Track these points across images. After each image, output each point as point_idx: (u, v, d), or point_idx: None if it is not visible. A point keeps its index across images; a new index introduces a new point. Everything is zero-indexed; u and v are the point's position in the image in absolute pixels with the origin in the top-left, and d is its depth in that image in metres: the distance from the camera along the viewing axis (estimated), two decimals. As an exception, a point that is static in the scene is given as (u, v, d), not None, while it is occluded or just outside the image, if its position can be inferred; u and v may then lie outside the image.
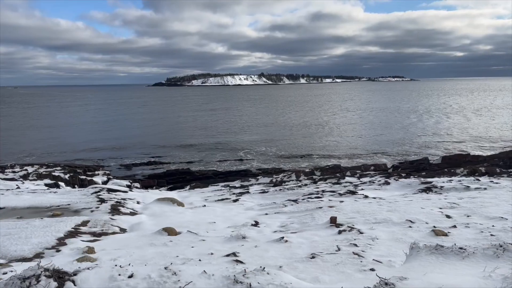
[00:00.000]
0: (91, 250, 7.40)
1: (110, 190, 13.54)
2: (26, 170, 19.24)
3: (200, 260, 6.62)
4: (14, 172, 18.75)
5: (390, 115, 74.36)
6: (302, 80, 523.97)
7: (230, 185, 17.15)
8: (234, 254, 6.85)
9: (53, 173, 18.67)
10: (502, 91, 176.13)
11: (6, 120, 75.03)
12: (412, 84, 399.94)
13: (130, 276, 2.92)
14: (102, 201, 11.70)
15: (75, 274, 2.99)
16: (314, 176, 17.18)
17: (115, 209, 11.09)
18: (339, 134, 51.75)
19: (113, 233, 9.35)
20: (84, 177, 19.69)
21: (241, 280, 2.87)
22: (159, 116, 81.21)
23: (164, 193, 15.56)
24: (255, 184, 16.76)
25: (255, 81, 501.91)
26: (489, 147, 40.22)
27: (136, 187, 20.40)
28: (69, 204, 11.58)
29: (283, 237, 7.69)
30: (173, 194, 14.68)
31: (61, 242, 8.32)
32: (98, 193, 13.14)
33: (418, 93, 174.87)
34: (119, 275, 2.94)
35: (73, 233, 8.98)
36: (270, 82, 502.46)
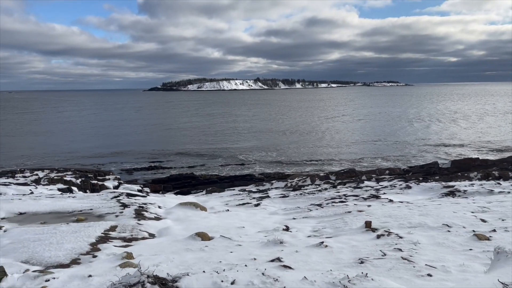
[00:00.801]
0: (129, 256, 7.26)
1: (129, 195, 13.39)
2: (36, 175, 19.02)
3: (246, 265, 6.51)
4: (24, 177, 18.53)
5: (388, 119, 74.36)
6: (298, 85, 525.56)
7: (247, 189, 17.02)
8: (278, 259, 6.73)
9: (65, 178, 18.48)
10: (495, 96, 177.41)
11: (4, 124, 74.57)
12: (408, 89, 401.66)
13: (232, 283, 2.81)
14: (124, 206, 11.55)
15: (174, 281, 2.88)
16: (330, 180, 17.09)
17: (139, 214, 10.96)
18: (338, 138, 51.78)
19: (143, 238, 9.22)
20: (95, 181, 19.49)
21: (348, 286, 2.78)
22: (156, 121, 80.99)
23: (182, 197, 15.41)
24: (272, 188, 16.64)
25: (251, 86, 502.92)
26: (486, 151, 40.36)
27: (146, 192, 20.23)
28: (91, 209, 11.43)
29: (322, 242, 7.58)
30: (192, 199, 14.54)
31: (94, 247, 8.18)
32: (118, 198, 12.99)
33: (415, 98, 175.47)
34: (222, 281, 2.83)
35: (104, 238, 8.84)
36: (265, 87, 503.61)
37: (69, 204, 12.02)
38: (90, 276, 6.22)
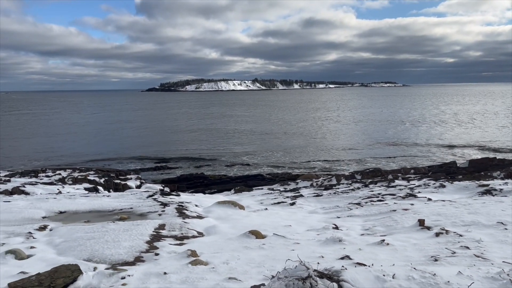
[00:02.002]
0: (194, 254, 7.25)
1: (163, 194, 13.37)
2: (59, 174, 18.94)
3: (318, 263, 6.52)
4: (48, 176, 18.46)
5: (391, 121, 73.66)
6: (296, 86, 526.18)
7: (275, 188, 17.04)
8: (348, 257, 6.73)
9: (88, 177, 18.42)
10: (495, 96, 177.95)
11: (5, 125, 74.43)
12: (406, 90, 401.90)
13: (393, 277, 2.81)
14: (164, 205, 11.52)
15: (337, 275, 2.87)
16: (356, 179, 17.09)
17: (181, 213, 10.94)
18: (342, 139, 51.77)
19: (193, 236, 9.20)
20: (118, 181, 19.44)
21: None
22: (157, 122, 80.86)
23: (213, 196, 15.38)
24: (301, 187, 16.60)
25: (249, 86, 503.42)
26: (490, 151, 40.39)
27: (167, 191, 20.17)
28: (131, 208, 11.40)
29: (383, 240, 7.58)
30: (224, 198, 14.52)
31: (151, 245, 8.17)
32: (154, 197, 12.97)
33: (415, 99, 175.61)
34: (384, 275, 2.83)
35: (156, 236, 8.82)
36: (263, 87, 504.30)
37: (107, 203, 11.99)
38: (165, 273, 6.21)
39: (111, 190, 18.12)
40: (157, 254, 7.58)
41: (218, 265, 6.56)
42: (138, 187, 19.44)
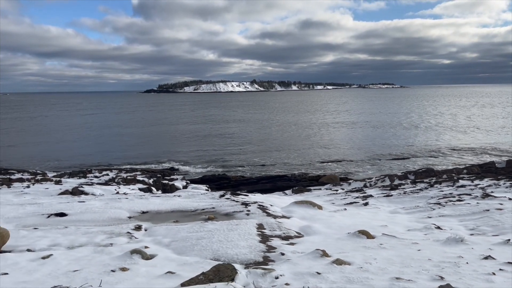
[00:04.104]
0: (325, 253, 7.16)
1: (233, 194, 13.28)
2: (107, 174, 18.82)
3: (467, 262, 6.44)
4: (96, 177, 18.32)
5: (399, 123, 73.10)
6: (294, 87, 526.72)
7: (333, 188, 16.95)
8: (490, 257, 6.68)
9: (137, 178, 18.29)
10: (495, 97, 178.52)
11: (8, 126, 74.28)
12: (404, 91, 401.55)
13: None
14: (245, 204, 11.42)
15: None
16: (409, 178, 17.03)
17: (266, 212, 10.85)
18: (354, 140, 51.71)
19: (296, 236, 9.11)
20: (166, 181, 19.31)
21: None
22: (159, 124, 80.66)
23: (272, 196, 15.27)
24: (367, 188, 16.44)
25: (247, 88, 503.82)
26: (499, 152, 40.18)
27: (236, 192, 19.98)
28: (214, 208, 11.30)
29: (509, 240, 7.52)
30: (292, 198, 14.43)
31: (268, 245, 8.08)
32: (224, 196, 12.89)
33: (416, 99, 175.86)
34: None
35: (263, 236, 8.73)
36: (262, 89, 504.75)
37: (185, 203, 11.89)
38: (318, 273, 6.11)
39: (159, 190, 18.00)
40: (283, 254, 7.47)
41: (363, 265, 6.46)
42: (185, 187, 19.33)
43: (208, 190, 19.20)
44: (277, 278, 6.07)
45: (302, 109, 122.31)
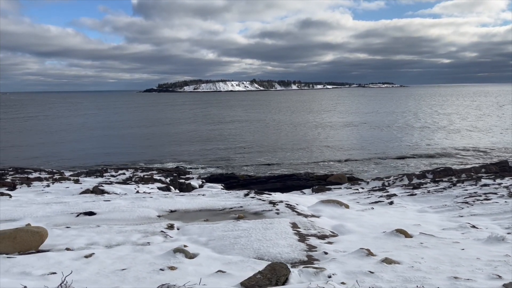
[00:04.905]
0: (370, 252, 7.11)
1: (257, 193, 13.24)
2: (124, 174, 18.78)
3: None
4: (113, 176, 18.28)
5: (404, 122, 72.93)
6: (294, 87, 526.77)
7: (353, 188, 16.93)
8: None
9: (154, 177, 18.26)
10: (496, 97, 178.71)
11: (11, 126, 74.26)
12: (405, 90, 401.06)
13: None
14: (273, 203, 11.38)
15: None
16: (427, 177, 17.02)
17: (295, 211, 10.81)
18: (354, 138, 51.71)
19: (331, 235, 9.05)
20: (182, 180, 19.28)
21: None
22: (162, 122, 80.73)
23: (292, 195, 15.24)
24: (389, 187, 16.31)
25: (247, 87, 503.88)
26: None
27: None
28: (241, 207, 11.25)
29: (555, 238, 7.48)
30: (314, 197, 14.38)
31: (308, 244, 8.05)
32: (248, 195, 12.85)
33: (417, 99, 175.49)
34: None
35: (299, 235, 8.69)
36: (262, 88, 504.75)
37: (213, 202, 11.84)
38: (371, 272, 6.07)
39: (176, 189, 17.95)
40: (326, 253, 7.43)
41: (413, 264, 6.41)
42: (201, 186, 19.30)
43: (223, 189, 19.15)
44: (329, 277, 6.02)
45: (304, 108, 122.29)
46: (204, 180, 21.25)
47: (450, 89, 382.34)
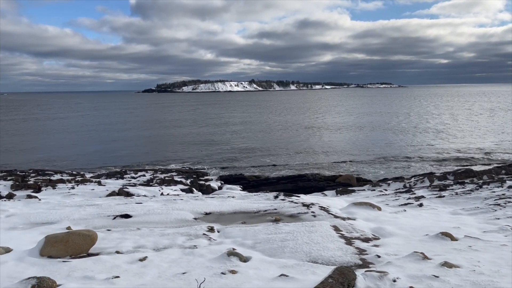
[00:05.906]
0: (425, 256, 7.13)
1: (285, 194, 13.26)
2: (144, 175, 18.76)
3: None
4: (133, 177, 18.25)
5: (406, 124, 72.87)
6: (292, 87, 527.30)
7: (376, 189, 16.96)
8: None
9: (174, 179, 18.24)
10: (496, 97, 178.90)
11: (10, 127, 74.08)
12: (403, 90, 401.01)
13: None
14: (306, 206, 11.39)
15: None
16: (449, 179, 17.10)
17: (332, 214, 10.82)
18: (358, 139, 51.69)
19: (373, 238, 9.07)
20: (202, 182, 19.27)
21: None
22: (164, 123, 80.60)
23: (315, 197, 15.25)
24: (415, 188, 16.35)
25: (246, 87, 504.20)
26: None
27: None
28: (275, 209, 11.26)
29: None
30: (341, 199, 14.40)
31: (355, 247, 8.06)
32: (278, 198, 12.86)
33: (417, 100, 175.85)
34: None
35: (345, 238, 8.71)
36: (260, 88, 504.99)
37: (246, 204, 11.85)
38: (436, 276, 6.08)
39: (199, 192, 17.95)
40: (379, 256, 7.43)
41: (474, 268, 6.44)
42: (220, 188, 19.30)
43: (242, 191, 19.15)
44: (394, 281, 6.03)
45: (305, 109, 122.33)
46: (222, 182, 21.23)
47: (449, 89, 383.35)
